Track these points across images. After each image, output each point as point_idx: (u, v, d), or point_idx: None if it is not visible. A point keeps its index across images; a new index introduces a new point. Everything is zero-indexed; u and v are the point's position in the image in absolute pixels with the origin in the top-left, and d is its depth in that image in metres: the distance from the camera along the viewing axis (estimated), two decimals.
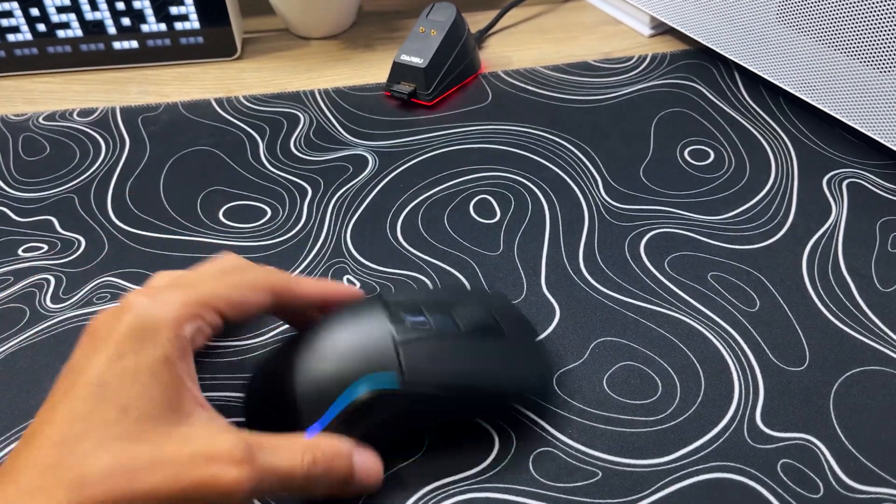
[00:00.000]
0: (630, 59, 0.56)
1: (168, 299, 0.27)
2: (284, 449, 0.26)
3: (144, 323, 0.25)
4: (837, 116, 0.46)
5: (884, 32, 0.41)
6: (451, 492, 0.31)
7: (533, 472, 0.31)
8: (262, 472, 0.25)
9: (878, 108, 0.43)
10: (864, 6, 0.42)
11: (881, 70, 0.42)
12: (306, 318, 0.33)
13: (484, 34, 0.59)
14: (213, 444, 0.24)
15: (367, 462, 0.29)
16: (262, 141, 0.49)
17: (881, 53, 0.42)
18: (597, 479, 0.31)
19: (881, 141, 0.44)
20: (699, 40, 0.54)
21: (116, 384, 0.24)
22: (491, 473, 0.31)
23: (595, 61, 0.56)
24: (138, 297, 0.26)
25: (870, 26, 0.42)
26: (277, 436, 0.27)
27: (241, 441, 0.25)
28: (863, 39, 0.42)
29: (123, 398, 0.24)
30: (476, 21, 0.60)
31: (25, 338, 0.37)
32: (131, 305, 0.26)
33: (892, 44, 0.41)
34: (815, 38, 0.45)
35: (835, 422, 0.33)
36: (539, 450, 0.32)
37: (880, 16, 0.41)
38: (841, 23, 0.43)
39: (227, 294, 0.28)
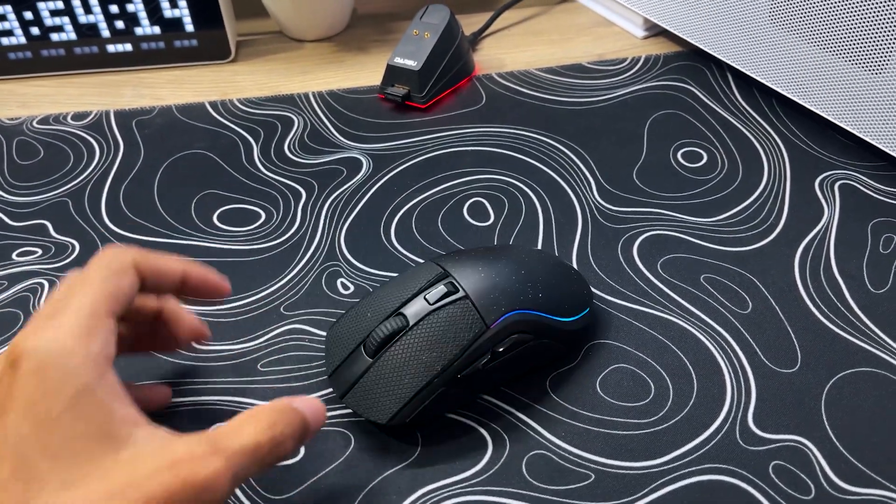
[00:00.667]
0: (623, 60, 0.56)
1: (61, 325, 0.24)
2: (241, 427, 0.25)
3: (46, 365, 0.23)
4: (830, 118, 0.46)
5: (875, 34, 0.41)
6: (444, 495, 0.31)
7: (526, 474, 0.31)
8: (233, 456, 0.24)
9: (869, 110, 0.44)
10: (856, 8, 0.42)
11: (873, 72, 0.42)
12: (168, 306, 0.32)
13: (478, 36, 0.59)
14: (168, 453, 0.23)
15: (307, 403, 0.28)
16: (257, 144, 0.49)
17: (873, 55, 0.42)
18: (590, 481, 0.31)
19: (873, 143, 0.44)
20: (692, 42, 0.54)
21: (36, 437, 0.22)
22: (484, 476, 0.31)
23: (588, 63, 0.56)
24: (25, 340, 0.24)
25: (862, 28, 0.42)
26: (226, 423, 0.26)
27: (198, 438, 0.24)
28: (855, 41, 0.43)
29: (51, 447, 0.22)
30: (470, 23, 0.60)
31: None
32: (24, 353, 0.23)
33: (884, 46, 0.41)
34: (808, 39, 0.45)
35: (826, 423, 0.33)
36: (532, 452, 0.32)
37: (872, 18, 0.41)
38: (833, 24, 0.43)
39: (104, 290, 0.26)
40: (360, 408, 0.32)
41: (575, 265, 0.40)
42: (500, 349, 0.32)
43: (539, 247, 0.41)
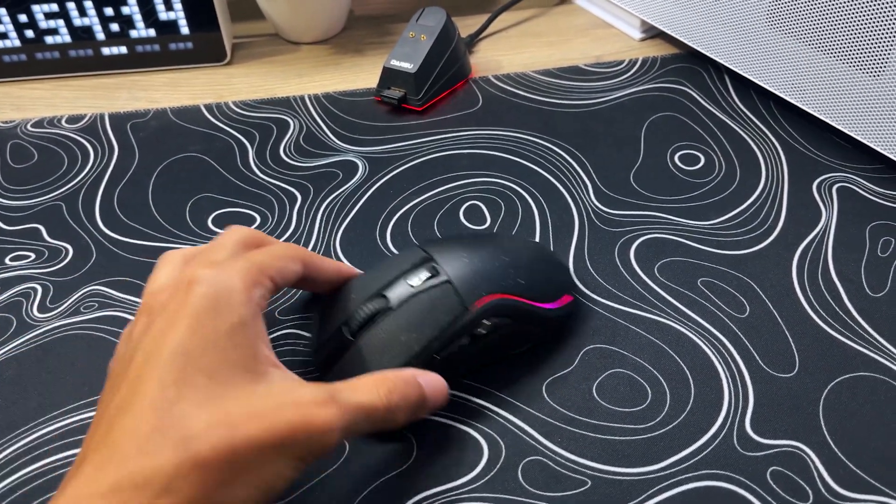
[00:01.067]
0: (621, 62, 0.56)
1: (235, 268, 0.28)
2: (361, 387, 0.28)
3: (218, 292, 0.27)
4: (828, 121, 0.46)
5: (874, 36, 0.41)
6: (440, 501, 0.31)
7: (522, 480, 0.31)
8: (348, 410, 0.26)
9: (868, 112, 0.43)
10: (854, 10, 0.42)
11: (871, 74, 0.42)
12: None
13: (474, 38, 0.59)
14: (296, 394, 0.26)
15: (432, 382, 0.30)
16: (252, 147, 0.49)
17: (871, 57, 0.42)
18: (586, 487, 0.31)
19: (871, 145, 0.44)
20: (689, 44, 0.54)
21: (199, 352, 0.25)
22: (480, 483, 0.31)
23: (586, 65, 0.56)
24: (205, 270, 0.27)
25: (859, 30, 0.42)
26: (350, 380, 0.28)
27: (321, 388, 0.27)
28: (853, 43, 0.42)
29: (207, 365, 0.25)
30: (466, 25, 0.59)
31: (11, 348, 0.37)
32: (200, 278, 0.27)
33: (882, 47, 0.41)
34: (806, 41, 0.45)
35: (824, 429, 0.33)
36: (528, 458, 0.32)
37: (870, 19, 0.41)
38: (831, 26, 0.43)
39: (272, 262, 0.30)
40: None
41: (572, 269, 0.40)
42: (480, 332, 0.33)
43: None
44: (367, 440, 0.33)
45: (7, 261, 0.42)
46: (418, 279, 0.33)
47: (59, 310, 0.39)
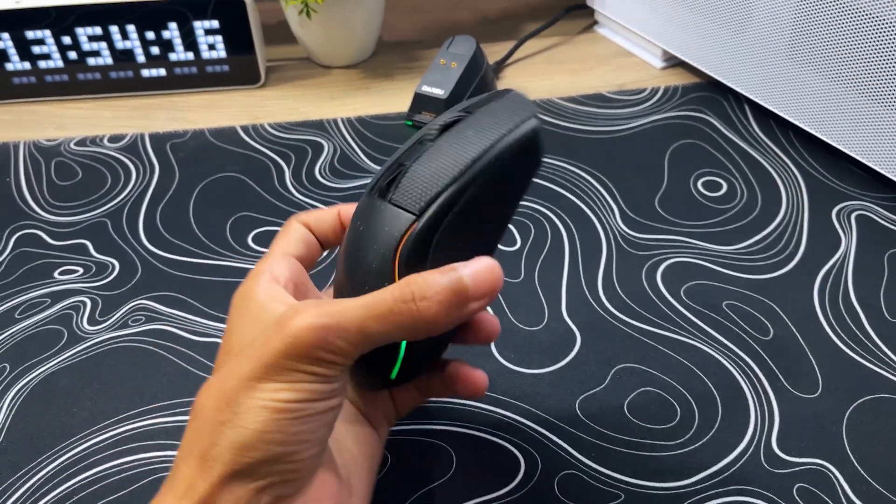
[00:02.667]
0: (643, 90, 0.57)
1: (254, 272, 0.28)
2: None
3: (235, 296, 0.27)
4: (846, 151, 0.48)
5: (891, 69, 0.43)
6: None
7: (558, 493, 0.33)
8: (335, 314, 0.24)
9: (885, 143, 0.45)
10: (872, 44, 0.43)
11: (889, 106, 0.44)
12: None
13: (500, 65, 0.61)
14: (279, 317, 0.25)
15: (476, 266, 0.25)
16: (288, 168, 0.51)
17: (889, 90, 0.44)
18: (619, 500, 0.32)
19: (889, 175, 0.46)
20: (710, 74, 0.56)
21: (229, 346, 0.26)
22: (517, 495, 0.32)
23: (609, 93, 0.57)
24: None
25: (878, 63, 0.44)
26: None
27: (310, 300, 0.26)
28: (871, 76, 0.44)
29: (229, 348, 0.26)
30: (493, 52, 0.61)
31: (64, 359, 0.39)
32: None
33: None
34: (825, 74, 0.47)
35: (847, 447, 0.34)
36: (563, 472, 0.33)
37: (888, 53, 0.43)
38: (850, 59, 0.45)
39: (281, 243, 0.29)
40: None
41: (601, 291, 0.42)
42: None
43: (566, 271, 0.43)
44: (407, 450, 0.34)
45: (56, 275, 0.43)
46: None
47: (108, 323, 0.40)
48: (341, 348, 0.24)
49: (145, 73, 0.58)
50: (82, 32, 0.56)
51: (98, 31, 0.56)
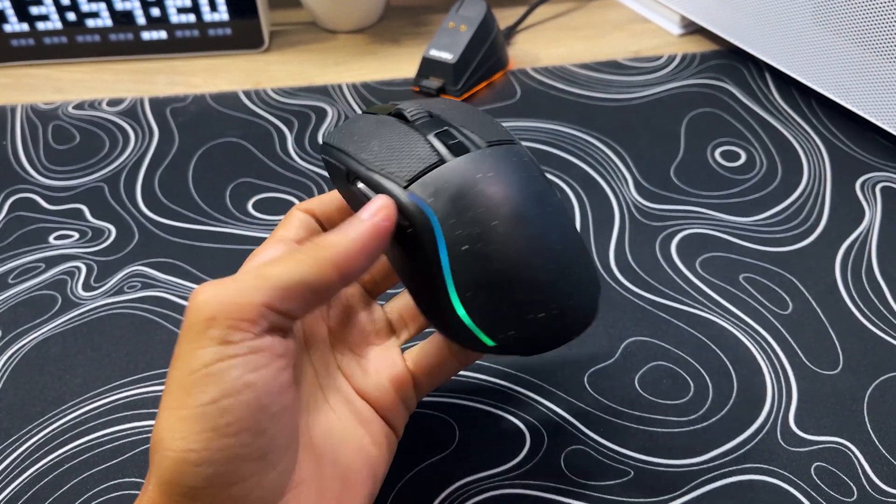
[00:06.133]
0: (659, 58, 0.55)
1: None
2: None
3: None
4: (873, 120, 0.46)
5: None
6: (482, 487, 0.31)
7: (564, 469, 0.31)
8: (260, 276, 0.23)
9: None
10: None
11: None
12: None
13: (512, 31, 0.59)
14: None
15: (372, 207, 0.25)
16: (291, 133, 0.49)
17: None
18: (628, 477, 0.31)
19: None
20: (730, 40, 0.53)
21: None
22: (523, 470, 0.31)
23: (624, 60, 0.55)
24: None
25: None
26: None
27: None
28: None
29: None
30: (504, 17, 0.59)
31: (58, 325, 0.37)
32: None
33: None
34: (851, 39, 0.45)
35: (869, 426, 0.32)
36: (571, 447, 0.32)
37: None
38: (878, 25, 0.43)
39: (281, 231, 0.28)
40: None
41: (612, 262, 0.40)
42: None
43: None
44: (410, 423, 0.33)
45: (51, 239, 0.42)
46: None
47: (103, 289, 0.39)
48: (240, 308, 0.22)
49: (146, 35, 0.57)
50: None
51: None
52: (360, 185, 0.27)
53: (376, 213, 0.25)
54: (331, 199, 0.30)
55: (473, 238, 0.25)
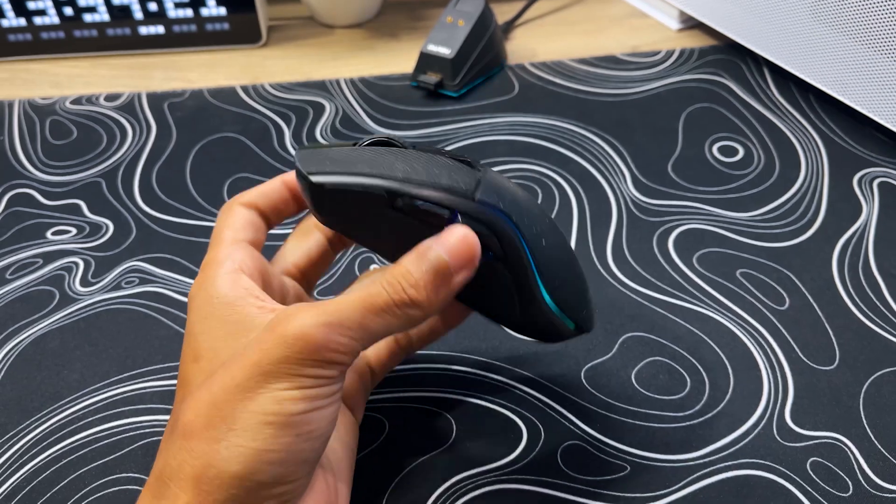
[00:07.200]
0: (657, 53, 0.55)
1: (201, 270, 0.27)
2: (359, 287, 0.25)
3: (190, 297, 0.26)
4: (870, 115, 0.46)
5: None
6: (479, 482, 0.31)
7: (561, 464, 0.31)
8: (322, 314, 0.22)
9: None
10: None
11: None
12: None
13: (510, 25, 0.59)
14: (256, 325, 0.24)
15: (450, 240, 0.24)
16: (289, 129, 0.49)
17: None
18: (625, 472, 0.31)
19: None
20: (729, 36, 0.53)
21: (185, 349, 0.25)
22: (519, 465, 0.31)
23: (622, 55, 0.55)
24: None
25: None
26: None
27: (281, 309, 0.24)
28: None
29: (194, 353, 0.25)
30: (502, 12, 0.59)
31: (55, 320, 0.37)
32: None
33: None
34: (850, 36, 0.44)
35: (864, 421, 0.33)
36: (567, 443, 0.32)
37: None
38: (876, 20, 0.43)
39: (224, 228, 0.27)
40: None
41: (610, 258, 0.40)
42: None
43: (574, 237, 0.41)
44: (407, 418, 0.33)
45: (49, 235, 0.42)
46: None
47: (101, 284, 0.39)
48: (346, 345, 0.22)
49: (143, 30, 0.56)
50: None
51: None
52: (420, 202, 0.25)
53: (460, 251, 0.24)
54: (271, 187, 0.29)
55: (541, 234, 0.26)
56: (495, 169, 0.40)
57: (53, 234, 0.42)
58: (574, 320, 0.28)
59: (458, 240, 0.24)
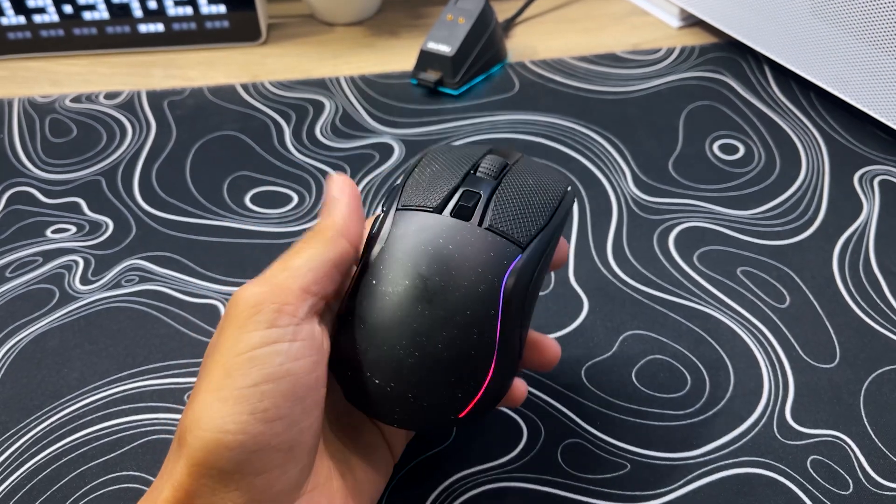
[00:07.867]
0: (658, 50, 0.55)
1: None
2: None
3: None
4: (871, 113, 0.46)
5: None
6: (479, 480, 0.31)
7: (562, 462, 0.31)
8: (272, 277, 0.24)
9: None
10: None
11: None
12: None
13: (510, 23, 0.59)
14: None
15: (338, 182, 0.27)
16: (289, 127, 0.49)
17: None
18: (625, 470, 0.31)
19: None
20: (729, 33, 0.53)
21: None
22: (520, 463, 0.31)
23: (623, 53, 0.55)
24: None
25: None
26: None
27: None
28: None
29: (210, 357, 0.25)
30: (502, 9, 0.59)
31: (55, 318, 0.37)
32: None
33: None
34: (851, 33, 0.44)
35: (865, 419, 0.33)
36: (568, 441, 0.32)
37: None
38: (877, 18, 0.43)
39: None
40: None
41: (610, 256, 0.40)
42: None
43: (574, 235, 0.41)
44: None
45: (48, 233, 0.42)
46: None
47: (101, 282, 0.39)
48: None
49: (143, 28, 0.56)
50: None
51: None
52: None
53: (343, 185, 0.27)
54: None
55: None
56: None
57: (53, 232, 0.42)
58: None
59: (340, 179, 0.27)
